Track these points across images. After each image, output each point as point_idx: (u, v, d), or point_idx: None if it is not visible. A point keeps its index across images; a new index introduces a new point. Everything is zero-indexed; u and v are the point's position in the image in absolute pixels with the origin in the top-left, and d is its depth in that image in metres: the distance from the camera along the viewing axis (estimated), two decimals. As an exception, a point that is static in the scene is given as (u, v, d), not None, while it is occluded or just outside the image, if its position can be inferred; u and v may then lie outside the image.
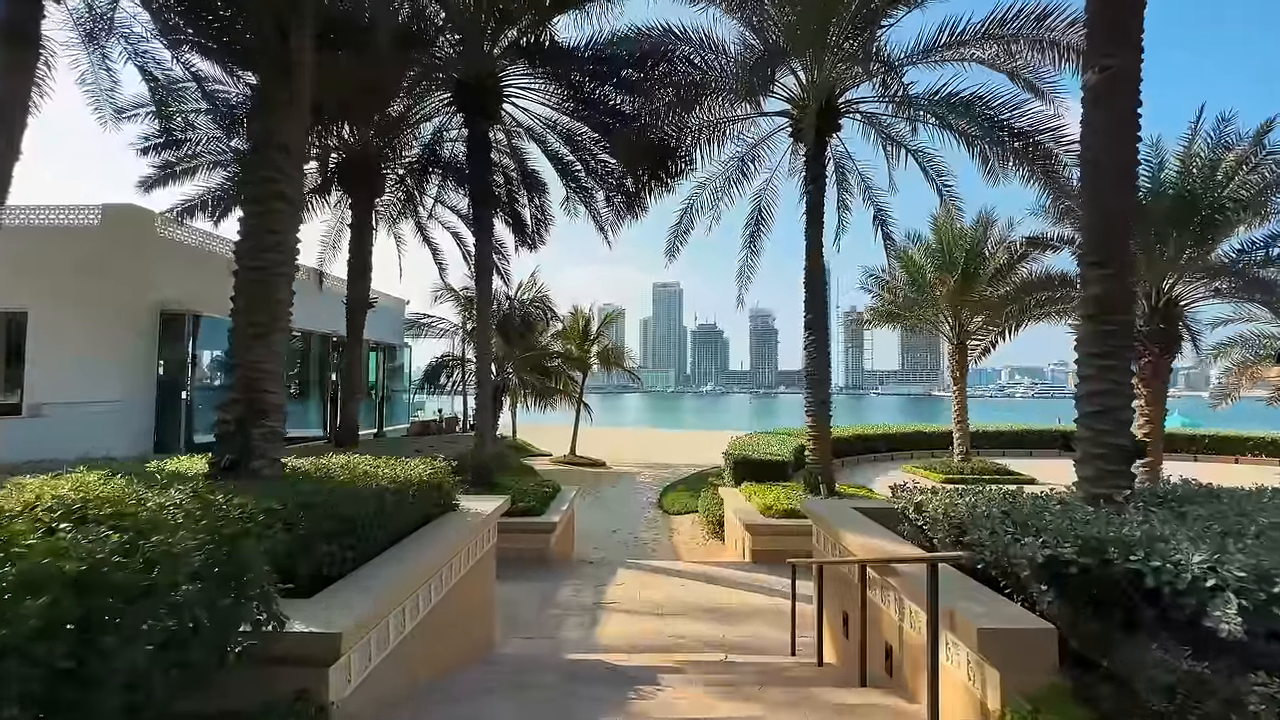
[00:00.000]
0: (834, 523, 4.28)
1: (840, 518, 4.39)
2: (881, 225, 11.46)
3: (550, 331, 23.22)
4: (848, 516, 4.41)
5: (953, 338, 14.57)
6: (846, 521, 4.24)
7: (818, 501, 5.10)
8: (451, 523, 4.13)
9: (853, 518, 4.35)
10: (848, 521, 4.24)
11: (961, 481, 13.82)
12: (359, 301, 12.73)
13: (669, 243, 12.27)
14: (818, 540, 4.97)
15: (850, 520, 4.28)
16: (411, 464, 4.44)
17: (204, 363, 12.33)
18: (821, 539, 4.78)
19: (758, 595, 6.47)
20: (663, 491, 15.16)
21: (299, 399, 15.29)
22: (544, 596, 6.42)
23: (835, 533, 4.20)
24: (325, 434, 14.86)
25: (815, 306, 9.16)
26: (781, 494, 8.85)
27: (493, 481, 9.32)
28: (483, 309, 9.30)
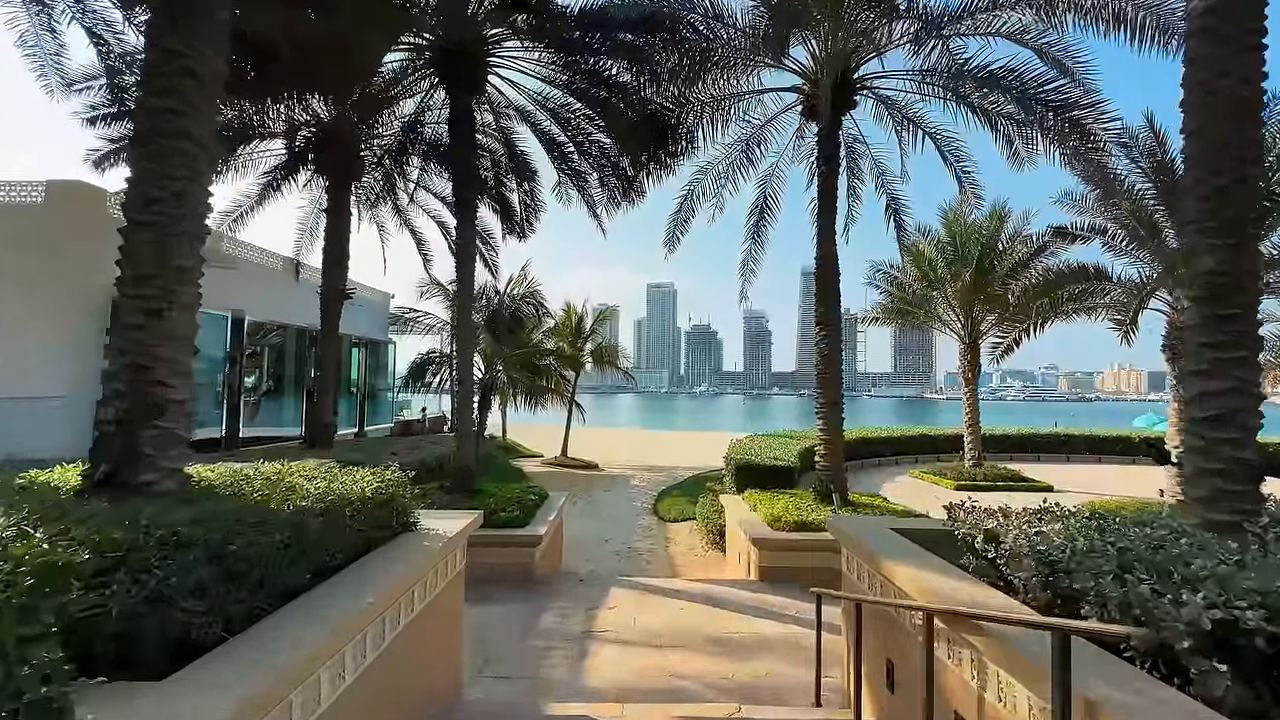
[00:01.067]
0: (876, 550, 3.51)
1: (883, 544, 3.62)
2: (895, 215, 10.74)
3: (542, 329, 22.42)
4: (891, 543, 3.63)
5: (964, 336, 13.88)
6: (892, 550, 3.46)
7: (848, 520, 4.32)
8: (403, 550, 3.32)
9: (897, 545, 3.58)
10: (894, 550, 3.46)
11: (975, 488, 13.12)
12: (335, 291, 11.89)
13: (668, 232, 11.50)
14: (849, 567, 4.19)
15: (895, 548, 3.51)
16: (357, 475, 3.64)
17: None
18: (855, 566, 4.00)
19: (768, 622, 5.69)
20: (658, 497, 14.40)
21: (273, 396, 14.41)
22: (525, 623, 5.61)
23: (879, 563, 3.42)
24: (302, 434, 13.97)
25: (827, 299, 8.40)
26: (790, 503, 8.10)
27: (474, 488, 8.52)
28: (464, 299, 8.47)
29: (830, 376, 8.29)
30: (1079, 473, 16.16)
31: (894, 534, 3.86)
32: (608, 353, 23.35)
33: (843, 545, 4.24)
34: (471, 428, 8.60)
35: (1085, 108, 7.08)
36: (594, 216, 10.89)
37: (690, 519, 11.82)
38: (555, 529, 8.14)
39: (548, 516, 7.83)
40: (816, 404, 8.51)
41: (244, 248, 13.85)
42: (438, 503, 7.42)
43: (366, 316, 19.71)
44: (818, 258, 8.64)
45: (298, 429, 14.56)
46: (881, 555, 3.41)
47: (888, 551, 3.47)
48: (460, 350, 8.48)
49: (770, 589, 6.66)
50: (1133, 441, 18.54)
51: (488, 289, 19.88)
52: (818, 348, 8.48)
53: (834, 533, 4.37)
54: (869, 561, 3.63)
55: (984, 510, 3.45)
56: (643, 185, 10.44)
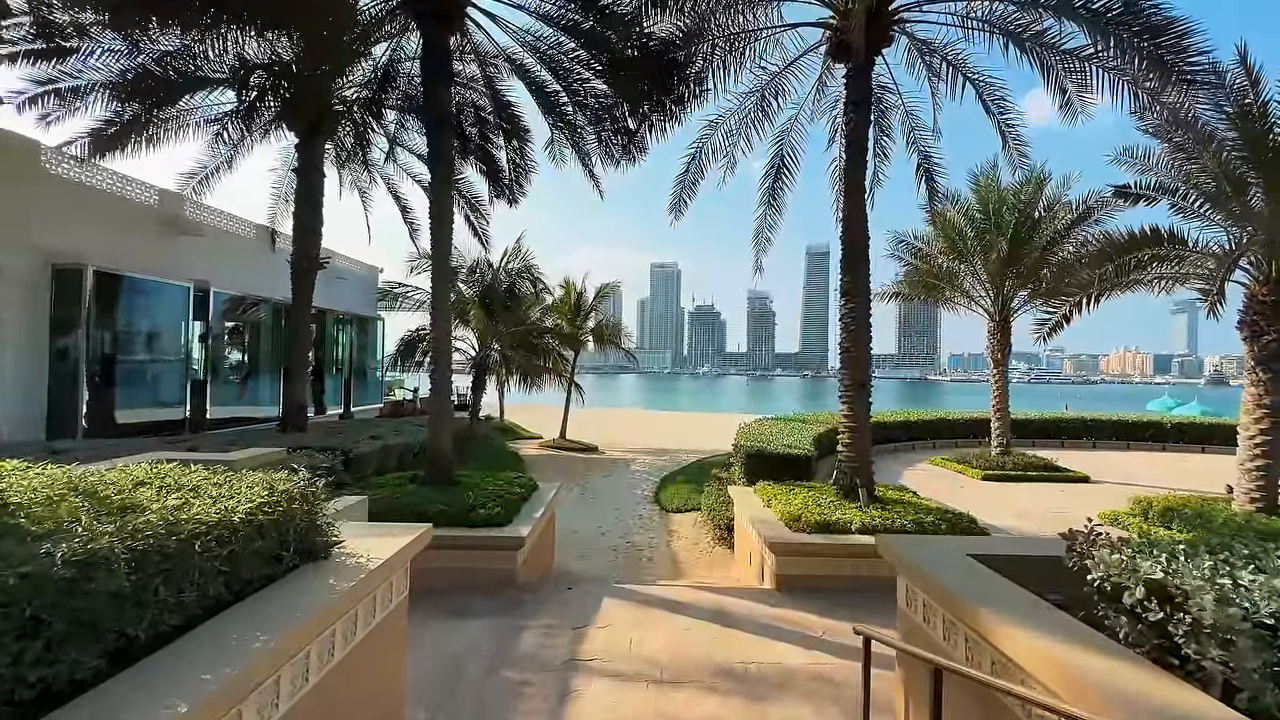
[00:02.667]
0: (961, 594, 2.52)
1: (967, 582, 2.63)
2: (926, 175, 9.60)
3: (540, 306, 21.36)
4: (979, 582, 2.64)
5: (994, 314, 12.78)
6: (987, 595, 2.47)
7: (908, 542, 3.32)
8: (292, 597, 2.33)
9: (991, 586, 2.59)
10: (990, 596, 2.47)
11: (1004, 478, 12.18)
12: (307, 260, 10.83)
13: (674, 196, 10.35)
14: (909, 602, 3.20)
15: (989, 591, 2.52)
16: (247, 481, 2.65)
17: (111, 329, 10.35)
18: (922, 607, 3.00)
19: (791, 648, 4.75)
20: (660, 483, 13.49)
21: (247, 375, 13.45)
22: (498, 647, 4.68)
23: (969, 615, 2.43)
24: (280, 415, 13.06)
25: (854, 266, 7.32)
26: (809, 498, 7.13)
27: (453, 479, 7.56)
28: (440, 266, 7.42)
29: (856, 354, 7.25)
30: (1111, 460, 15.18)
31: (978, 566, 2.87)
32: (609, 331, 22.29)
33: (901, 573, 3.25)
34: (449, 412, 7.63)
35: (1172, 35, 5.90)
36: (590, 176, 9.78)
37: (694, 509, 10.91)
38: (544, 526, 7.21)
39: (534, 512, 6.88)
40: (840, 386, 7.49)
41: (210, 213, 12.77)
42: (403, 500, 6.49)
43: (352, 291, 18.68)
44: (843, 219, 7.54)
45: (275, 410, 13.64)
46: (974, 604, 2.41)
47: (981, 597, 2.47)
48: (435, 324, 7.46)
49: (790, 601, 5.71)
50: (1164, 427, 17.53)
51: (480, 262, 18.80)
52: (842, 322, 7.43)
53: (888, 555, 3.38)
54: (950, 607, 2.63)
55: (1118, 540, 2.45)
56: (645, 140, 9.31)
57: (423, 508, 6.34)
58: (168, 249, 11.06)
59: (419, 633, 4.92)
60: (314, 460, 6.85)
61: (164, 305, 10.65)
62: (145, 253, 10.59)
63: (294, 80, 7.78)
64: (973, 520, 6.57)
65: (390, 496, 6.55)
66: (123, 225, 10.33)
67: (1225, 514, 7.14)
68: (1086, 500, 10.44)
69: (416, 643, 4.73)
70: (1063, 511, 9.58)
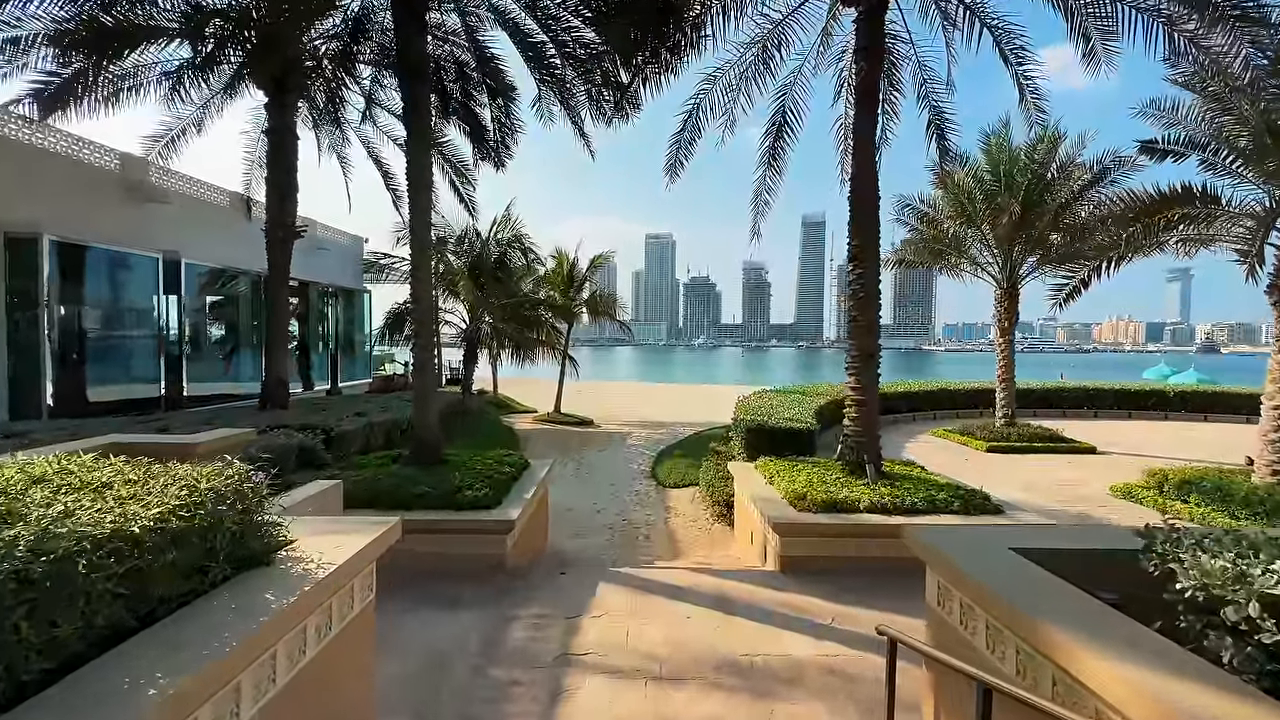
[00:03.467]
0: (1030, 610, 2.13)
1: (1027, 593, 2.24)
2: (938, 133, 9.04)
3: (532, 277, 20.79)
4: (1041, 591, 2.26)
5: (1002, 280, 12.34)
6: (1062, 613, 2.07)
7: (943, 537, 2.91)
8: (228, 610, 1.93)
9: (1057, 596, 2.21)
10: (1065, 613, 2.07)
11: (1009, 449, 11.91)
12: (282, 228, 10.23)
13: (670, 157, 9.75)
14: (940, 601, 2.83)
15: (1061, 604, 2.13)
16: (165, 479, 2.23)
17: (75, 302, 9.79)
18: (960, 609, 2.63)
19: (799, 638, 4.44)
20: (657, 458, 13.21)
21: (228, 351, 12.94)
22: (484, 643, 4.35)
23: (1043, 637, 2.04)
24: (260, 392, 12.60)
25: (863, 228, 6.84)
26: (813, 475, 6.80)
27: (439, 458, 7.17)
28: (419, 231, 6.89)
29: (865, 322, 6.82)
30: (1114, 430, 14.96)
31: (1028, 565, 2.50)
32: (603, 302, 21.76)
33: (935, 569, 2.88)
34: (432, 387, 7.20)
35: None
36: (580, 135, 9.18)
37: (692, 484, 10.63)
38: (536, 506, 6.87)
39: (525, 493, 6.52)
40: (847, 356, 7.09)
41: (179, 180, 12.06)
42: (384, 483, 6.11)
43: (336, 262, 18.04)
44: (852, 178, 7.04)
45: (258, 387, 13.17)
46: (1037, 618, 2.03)
47: (1040, 606, 2.09)
48: (416, 295, 6.98)
49: (796, 585, 5.41)
50: (1167, 395, 17.32)
51: (469, 231, 18.17)
52: (850, 288, 6.99)
53: (916, 547, 3.01)
54: (1004, 618, 2.25)
55: (1201, 536, 2.07)
56: (638, 96, 8.69)
57: (405, 490, 5.97)
58: (133, 217, 10.44)
59: (401, 626, 4.60)
60: (273, 441, 6.43)
61: (132, 277, 10.09)
62: (107, 221, 9.97)
63: (255, 29, 7.11)
64: (986, 497, 6.26)
65: (370, 479, 6.17)
66: (81, 191, 9.69)
67: (1247, 487, 6.86)
68: (1095, 472, 10.20)
69: (398, 638, 4.41)
70: (1073, 484, 9.32)
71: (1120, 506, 7.94)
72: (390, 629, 4.51)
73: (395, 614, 4.76)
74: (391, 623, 4.62)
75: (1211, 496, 6.88)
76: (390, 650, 4.19)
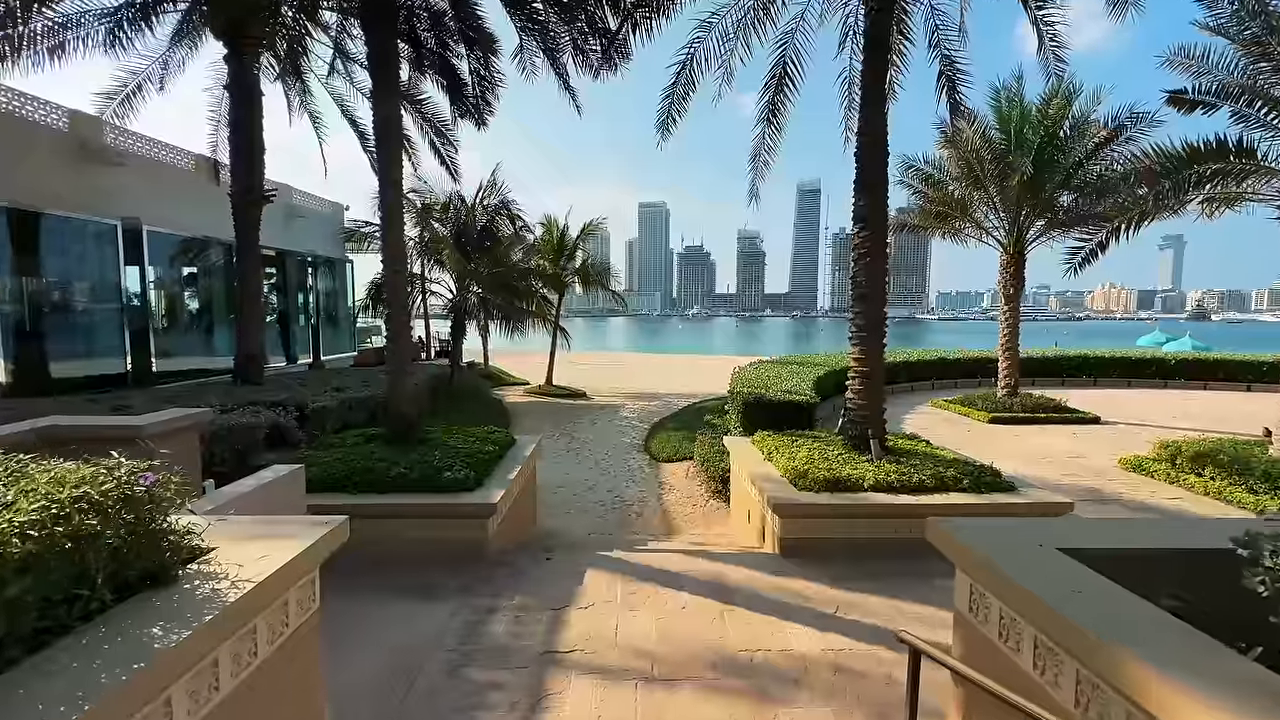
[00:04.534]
0: (1103, 637, 1.74)
1: (1090, 609, 1.85)
2: (949, 86, 8.43)
3: (521, 246, 20.11)
4: (1105, 605, 1.87)
5: (1009, 246, 11.86)
6: (1140, 638, 1.68)
7: (977, 532, 2.50)
8: (98, 655, 1.51)
9: (1126, 612, 1.82)
10: (1143, 639, 1.68)
11: (1012, 420, 11.62)
12: (249, 192, 9.57)
13: (662, 113, 9.08)
14: (973, 607, 2.45)
15: (1133, 625, 1.74)
16: (21, 485, 1.78)
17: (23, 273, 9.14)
18: (1004, 625, 2.24)
19: (804, 630, 4.11)
20: (650, 431, 12.87)
21: (200, 324, 12.37)
22: (461, 639, 4.00)
23: (1123, 672, 1.65)
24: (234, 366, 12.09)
25: (873, 185, 6.33)
26: (814, 451, 6.45)
27: (419, 436, 6.76)
28: (388, 189, 6.33)
29: (873, 290, 6.37)
30: (1116, 399, 14.72)
31: (1083, 569, 2.11)
32: (595, 271, 21.13)
33: (966, 571, 2.49)
34: (408, 359, 6.74)
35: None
36: (566, 88, 8.53)
37: (687, 458, 10.32)
38: (521, 487, 6.50)
39: (509, 473, 6.14)
40: (851, 325, 6.66)
41: (137, 140, 11.28)
42: (356, 465, 5.69)
43: (315, 231, 17.31)
44: (860, 131, 6.50)
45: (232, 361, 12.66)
46: (1114, 646, 1.64)
47: (1111, 629, 1.71)
48: (388, 260, 6.47)
49: (797, 569, 5.09)
50: (1168, 363, 17.07)
51: (453, 198, 17.43)
52: (856, 252, 6.51)
53: (942, 543, 2.62)
54: (1066, 642, 1.86)
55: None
56: (627, 44, 8.04)
57: (380, 472, 5.57)
58: (87, 181, 9.73)
59: (369, 621, 4.24)
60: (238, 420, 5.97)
61: (88, 246, 9.45)
62: (58, 185, 9.27)
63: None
64: (996, 473, 5.93)
65: (340, 460, 5.75)
66: (21, 151, 8.97)
67: (1266, 459, 6.56)
68: (1101, 443, 9.93)
69: (365, 636, 4.05)
70: (1079, 456, 9.05)
71: (1132, 480, 7.67)
72: (356, 625, 4.16)
73: (363, 607, 4.41)
74: (358, 618, 4.27)
75: (1229, 470, 6.60)
76: (355, 650, 3.84)
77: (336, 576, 4.97)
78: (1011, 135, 11.11)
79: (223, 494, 3.72)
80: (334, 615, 4.39)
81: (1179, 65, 7.48)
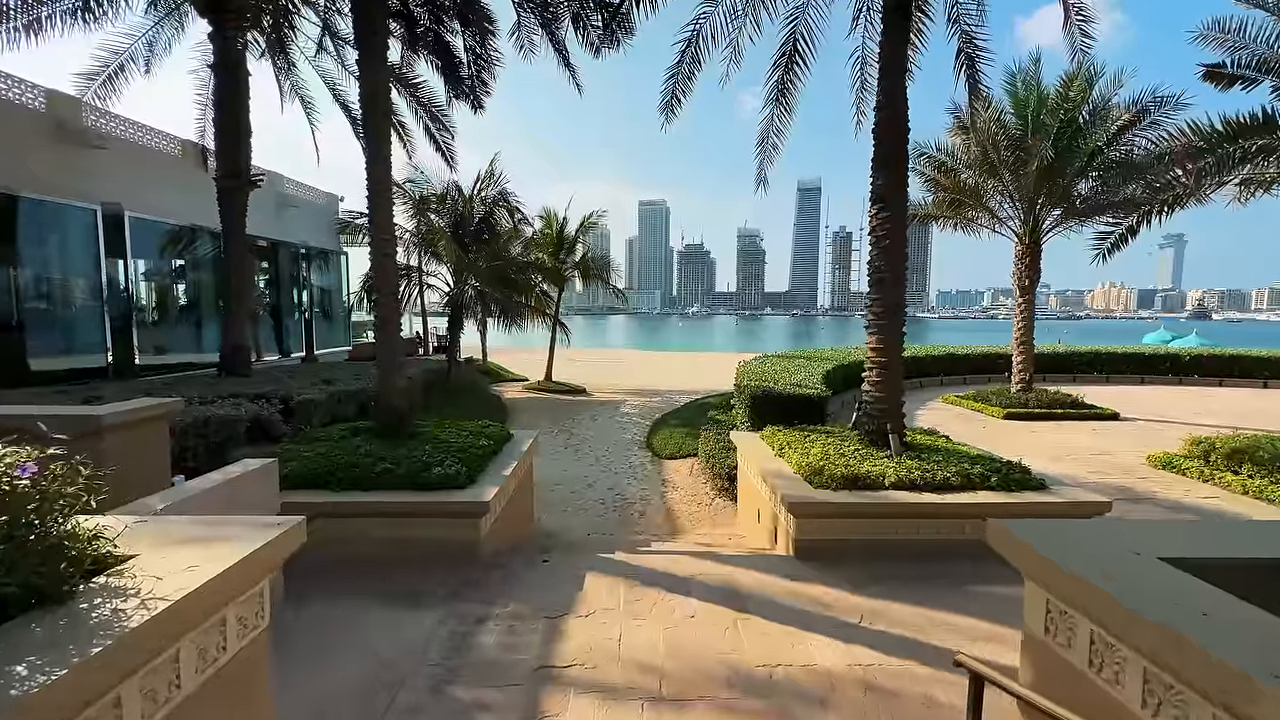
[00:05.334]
0: (1254, 671, 1.34)
1: (1235, 641, 1.45)
2: (968, 64, 7.99)
3: (520, 240, 19.70)
4: (1247, 634, 1.48)
5: (1024, 236, 11.45)
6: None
7: (1044, 535, 2.10)
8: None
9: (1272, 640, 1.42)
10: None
11: (1028, 416, 11.22)
12: (235, 176, 9.16)
13: (666, 92, 8.67)
14: (1055, 632, 2.04)
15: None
16: None
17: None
18: (1096, 649, 1.84)
19: (827, 642, 3.72)
20: (652, 427, 12.49)
21: (187, 316, 11.96)
22: (446, 650, 3.61)
23: None
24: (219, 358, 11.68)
25: (892, 163, 5.94)
26: (829, 446, 6.06)
27: (410, 431, 6.37)
28: (376, 167, 5.92)
29: (892, 273, 5.97)
30: (1132, 395, 14.33)
31: (1201, 585, 1.72)
32: (595, 265, 20.73)
33: (1039, 582, 2.09)
34: (397, 350, 6.34)
35: None
36: (565, 65, 8.12)
37: (691, 455, 9.93)
38: (519, 483, 6.11)
39: (504, 469, 5.75)
40: (869, 313, 6.26)
41: (120, 123, 10.85)
42: (339, 460, 5.30)
43: (309, 221, 16.90)
44: (879, 106, 6.10)
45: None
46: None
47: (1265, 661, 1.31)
48: (375, 243, 6.07)
49: (815, 574, 4.70)
50: (1181, 359, 16.69)
51: (450, 188, 17.03)
52: (874, 234, 6.12)
53: (1013, 552, 2.22)
54: (1204, 682, 1.46)
55: None
56: (630, 17, 7.63)
57: (364, 469, 5.18)
58: (63, 163, 9.29)
59: (350, 627, 3.86)
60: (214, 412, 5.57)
61: (65, 232, 9.03)
62: (29, 165, 8.83)
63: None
64: (1025, 470, 5.54)
65: (323, 455, 5.36)
66: (2, 132, 8.56)
67: None
68: (1124, 440, 9.54)
69: (344, 645, 3.66)
70: (1103, 453, 8.65)
71: (1164, 478, 7.28)
72: (333, 634, 3.77)
73: (343, 614, 4.02)
74: (336, 625, 3.88)
75: (1270, 467, 6.21)
76: (328, 663, 3.45)
77: (314, 580, 4.60)
78: (1029, 120, 10.69)
79: (182, 491, 3.33)
80: (309, 623, 4.02)
81: (1213, 40, 7.10)
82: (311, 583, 4.38)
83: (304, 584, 4.32)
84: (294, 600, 4.15)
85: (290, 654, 3.54)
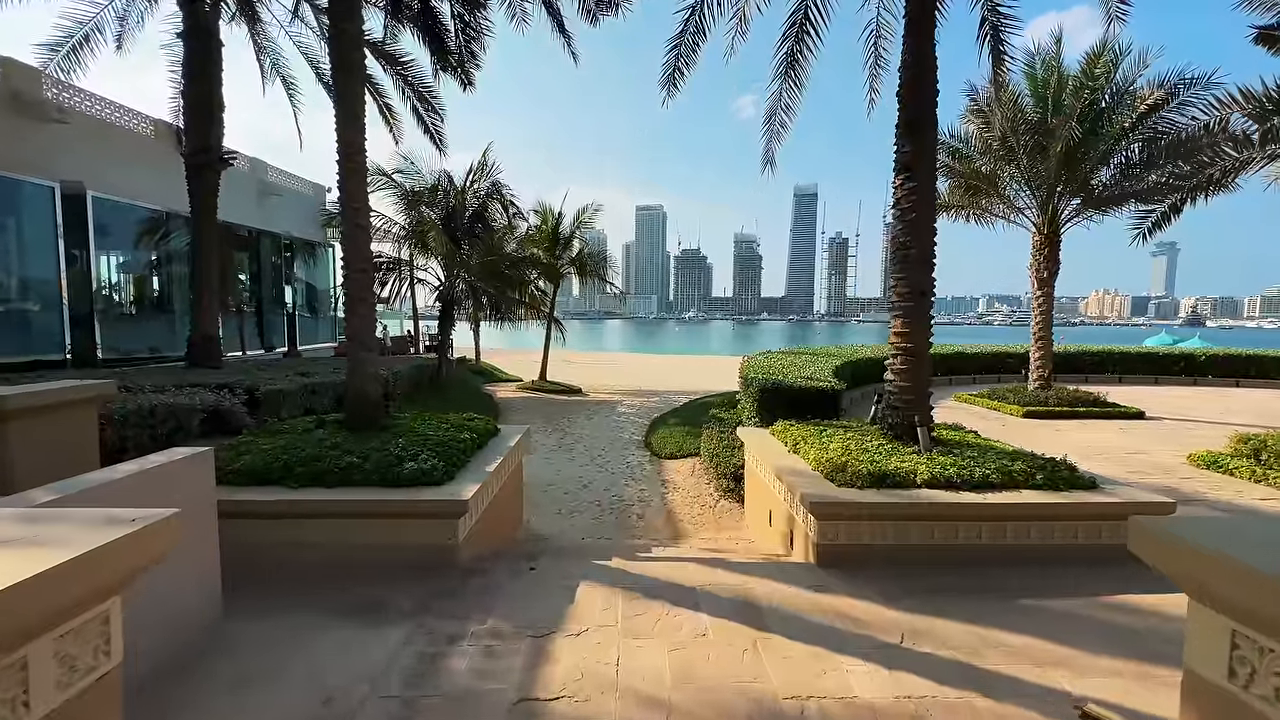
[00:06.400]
0: None
1: None
2: (992, 33, 7.48)
3: (514, 236, 19.13)
4: None
5: (1042, 225, 10.92)
6: None
7: (1222, 537, 1.47)
8: None
9: None
10: None
11: (1048, 415, 10.63)
12: (204, 153, 8.53)
13: (667, 65, 8.18)
14: (1244, 676, 1.43)
15: None
16: None
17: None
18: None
19: (864, 667, 3.10)
20: (651, 426, 11.88)
21: (155, 304, 11.29)
22: (408, 679, 2.97)
23: None
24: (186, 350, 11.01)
25: (919, 130, 5.37)
26: (850, 441, 5.47)
27: (383, 423, 5.74)
28: (347, 128, 5.32)
29: (920, 249, 5.39)
30: (1150, 395, 13.80)
31: None
32: (592, 261, 20.13)
33: (1223, 609, 1.49)
34: (370, 336, 5.71)
35: None
36: (561, 32, 7.53)
37: (692, 454, 9.33)
38: (505, 481, 5.49)
39: (488, 465, 5.12)
40: (893, 294, 5.67)
41: (83, 97, 10.20)
42: (302, 453, 4.68)
43: (293, 211, 16.25)
44: (905, 65, 5.54)
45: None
46: None
47: None
48: (346, 213, 5.46)
49: (841, 583, 4.09)
50: (1197, 360, 16.22)
51: (441, 179, 16.44)
52: (898, 208, 5.54)
53: (1174, 563, 1.60)
54: None
55: None
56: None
57: (326, 463, 4.55)
58: (18, 136, 8.65)
59: (298, 652, 3.22)
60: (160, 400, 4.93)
61: (18, 211, 8.36)
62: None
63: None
64: (1071, 468, 4.97)
65: (282, 448, 4.72)
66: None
67: None
68: (1155, 439, 8.97)
69: (288, 672, 3.03)
70: (1141, 452, 8.07)
71: (1210, 478, 6.71)
72: (274, 659, 3.13)
73: (288, 634, 3.38)
74: (278, 648, 3.24)
75: (1333, 467, 5.67)
76: (257, 697, 2.81)
77: (263, 592, 3.96)
78: (1049, 103, 10.17)
79: (79, 483, 2.69)
80: (250, 646, 3.38)
81: (1258, 5, 6.59)
82: (259, 595, 3.76)
83: (250, 597, 3.69)
84: (239, 616, 3.50)
85: (214, 684, 2.90)
